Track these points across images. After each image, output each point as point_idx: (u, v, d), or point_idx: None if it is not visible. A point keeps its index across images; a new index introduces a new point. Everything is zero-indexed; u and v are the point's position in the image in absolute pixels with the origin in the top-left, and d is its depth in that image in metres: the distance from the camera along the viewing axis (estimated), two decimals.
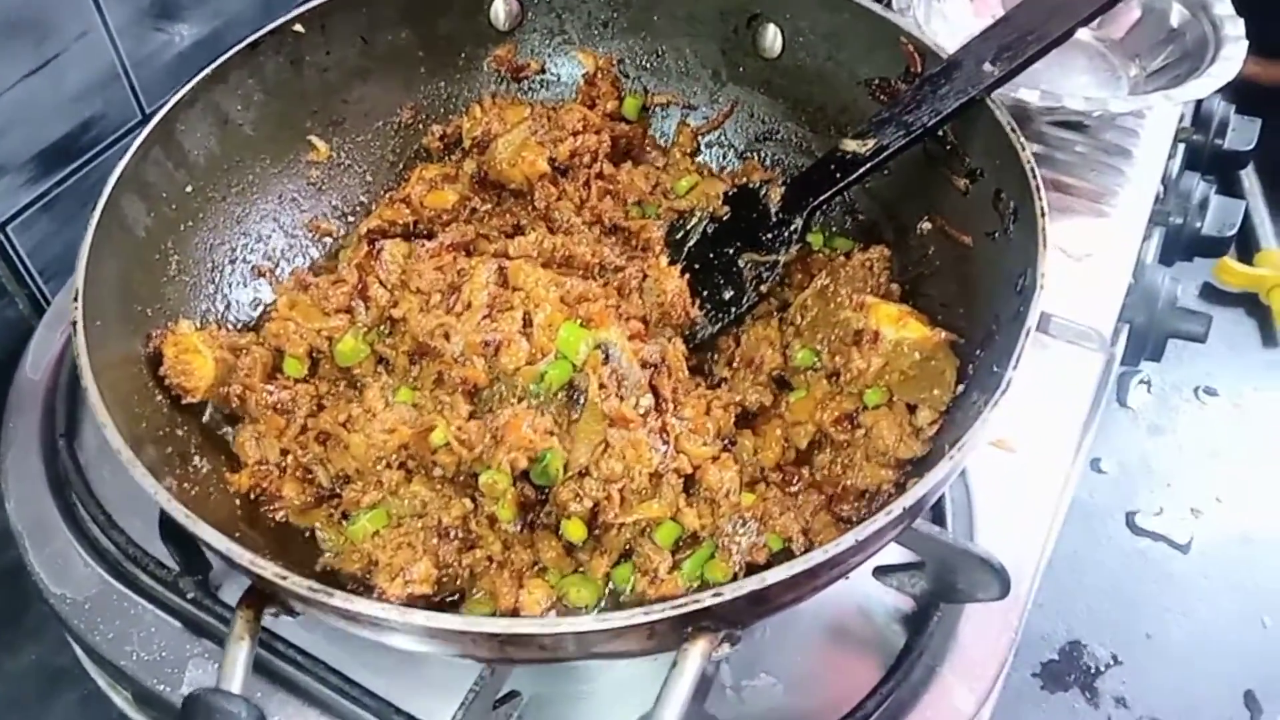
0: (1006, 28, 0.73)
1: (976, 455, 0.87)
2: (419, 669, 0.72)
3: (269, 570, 0.49)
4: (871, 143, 0.75)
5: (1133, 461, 1.18)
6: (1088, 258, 1.00)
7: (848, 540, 0.49)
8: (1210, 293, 1.34)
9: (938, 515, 0.83)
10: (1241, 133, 1.23)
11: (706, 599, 0.47)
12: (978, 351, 0.67)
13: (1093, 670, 1.00)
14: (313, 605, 0.49)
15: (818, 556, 0.49)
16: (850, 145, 0.76)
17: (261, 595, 0.51)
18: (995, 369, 0.59)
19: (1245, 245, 1.35)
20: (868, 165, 0.74)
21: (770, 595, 0.50)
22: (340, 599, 0.47)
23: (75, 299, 0.60)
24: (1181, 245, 1.12)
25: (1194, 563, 1.10)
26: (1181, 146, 1.23)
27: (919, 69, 0.77)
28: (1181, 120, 1.24)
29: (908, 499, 0.50)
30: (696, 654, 0.47)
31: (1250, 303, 1.31)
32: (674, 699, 0.46)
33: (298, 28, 0.81)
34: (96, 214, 0.65)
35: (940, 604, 0.78)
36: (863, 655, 0.78)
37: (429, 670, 0.71)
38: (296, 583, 0.48)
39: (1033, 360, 0.94)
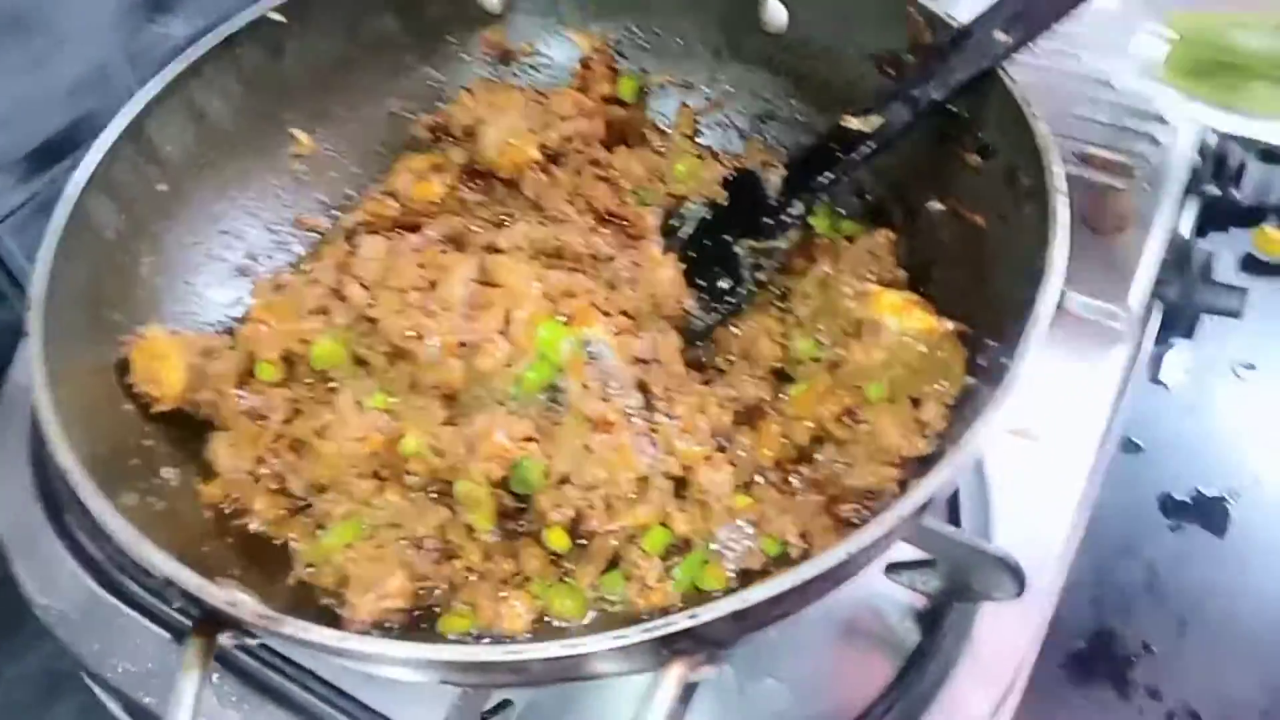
0: None
1: (994, 445, 0.84)
2: None
3: (219, 598, 0.46)
4: (877, 120, 0.71)
5: (1167, 441, 1.13)
6: (1117, 233, 0.95)
7: (837, 555, 0.45)
8: (1251, 263, 1.27)
9: (952, 510, 0.80)
10: None
11: (681, 621, 0.44)
12: (989, 342, 0.63)
13: (1123, 660, 0.96)
14: (265, 633, 0.46)
15: (805, 572, 0.45)
16: (854, 123, 0.72)
17: (215, 621, 0.48)
18: (1003, 361, 0.55)
19: None
20: (873, 144, 0.70)
21: (754, 614, 0.46)
22: (291, 627, 0.45)
23: (29, 309, 0.58)
24: (1217, 215, 1.07)
25: (1231, 546, 1.05)
26: None
27: (928, 40, 0.72)
28: None
29: (898, 510, 0.46)
30: (671, 681, 0.44)
31: None
32: None
33: (277, 17, 0.78)
34: (60, 218, 0.63)
35: (955, 602, 0.75)
36: (874, 656, 0.75)
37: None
38: (246, 610, 0.46)
39: (1056, 342, 0.90)
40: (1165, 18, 1.14)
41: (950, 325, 0.63)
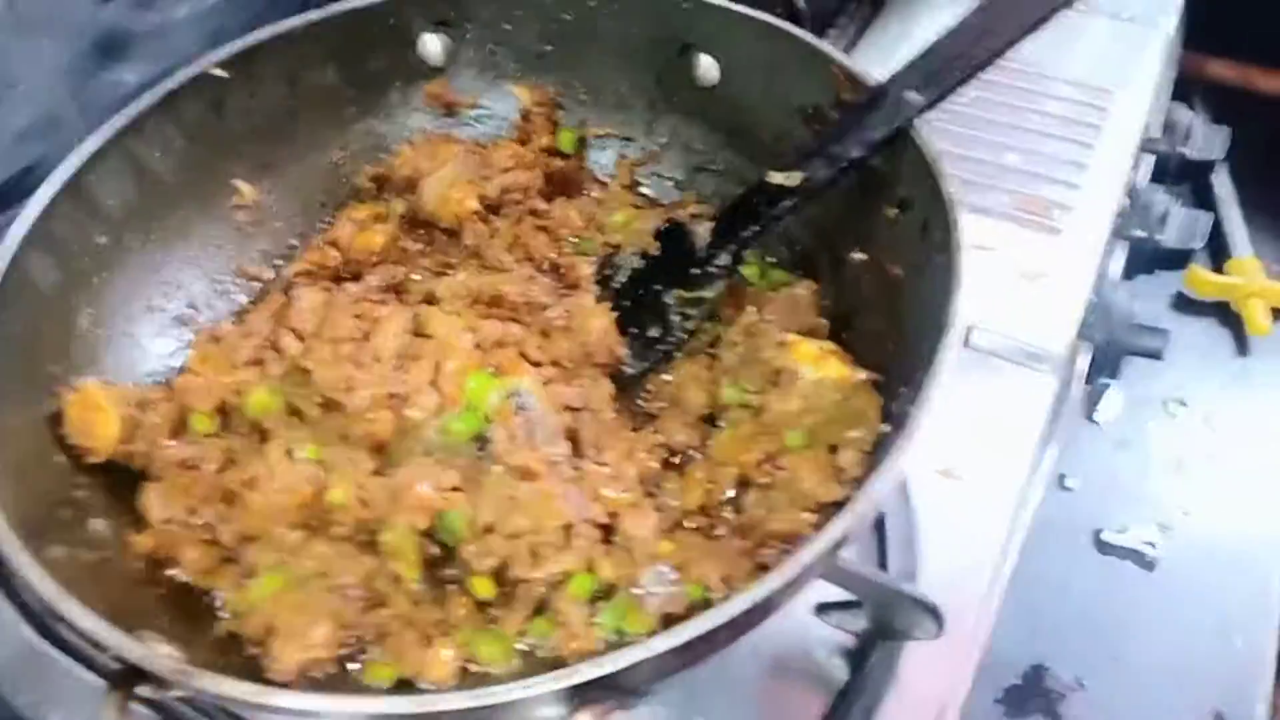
0: (933, 55, 0.71)
1: (922, 486, 0.86)
2: None
3: (134, 653, 0.47)
4: (798, 175, 0.73)
5: (1100, 478, 1.16)
6: (1042, 277, 0.98)
7: (738, 605, 0.47)
8: (1182, 302, 1.31)
9: (880, 550, 0.82)
10: (1206, 141, 1.21)
11: (588, 671, 0.46)
12: (902, 390, 0.66)
13: (1057, 694, 0.97)
14: (182, 687, 0.47)
15: (705, 623, 0.47)
16: (777, 178, 0.74)
17: (134, 674, 0.49)
18: (909, 408, 0.57)
19: (1217, 253, 1.33)
20: (793, 199, 0.73)
21: (661, 662, 0.48)
22: (206, 681, 0.46)
23: None
24: (1144, 259, 1.11)
25: (1161, 580, 1.07)
26: (1148, 157, 1.22)
27: (849, 98, 0.75)
28: (1148, 130, 1.22)
29: (800, 559, 0.48)
30: None
31: (1222, 312, 1.28)
32: None
33: (219, 72, 0.80)
34: None
35: (881, 640, 0.76)
36: (804, 694, 0.77)
37: None
38: (162, 665, 0.47)
39: (983, 384, 0.93)
40: None
41: (863, 374, 0.65)
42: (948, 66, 0.69)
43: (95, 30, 1.00)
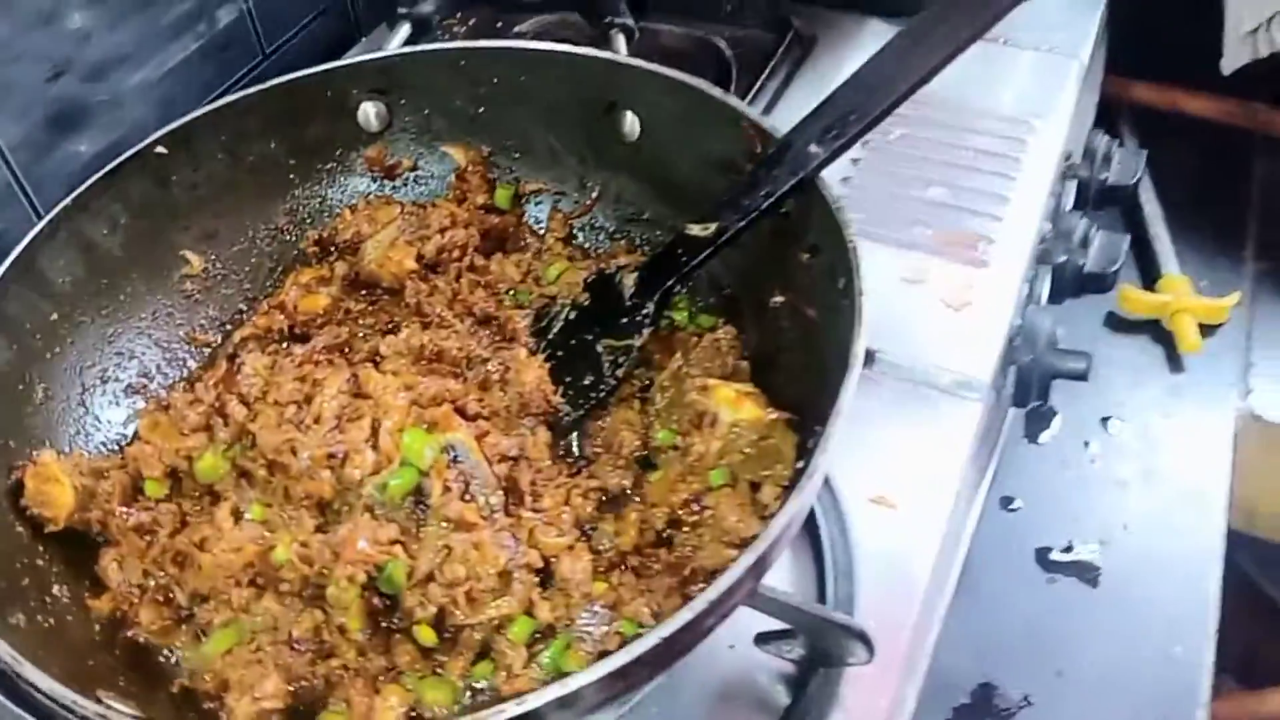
0: (831, 108, 0.75)
1: (858, 515, 0.90)
2: None
3: (90, 711, 0.50)
4: (713, 226, 0.77)
5: (1043, 498, 1.19)
6: (967, 307, 1.02)
7: (646, 643, 0.50)
8: (1115, 322, 1.36)
9: (820, 579, 0.85)
10: (1125, 166, 1.26)
11: (510, 710, 0.49)
12: (817, 428, 0.69)
13: (1005, 711, 1.01)
14: None
15: (621, 658, 0.50)
16: (694, 229, 0.78)
17: None
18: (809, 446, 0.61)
19: (1147, 272, 1.38)
20: (710, 249, 0.77)
21: (583, 696, 0.51)
22: None
23: None
24: (1071, 283, 1.15)
25: (1103, 595, 1.11)
26: (1071, 184, 1.26)
27: (760, 150, 0.79)
28: (1070, 158, 1.27)
29: (706, 596, 0.51)
30: None
31: (1155, 330, 1.33)
32: None
33: (160, 149, 0.83)
34: None
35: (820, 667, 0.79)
36: None
37: None
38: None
39: (914, 414, 0.97)
40: None
41: (775, 414, 0.69)
42: (845, 119, 0.73)
43: (47, 105, 1.03)
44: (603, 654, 0.66)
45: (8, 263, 0.73)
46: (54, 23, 1.02)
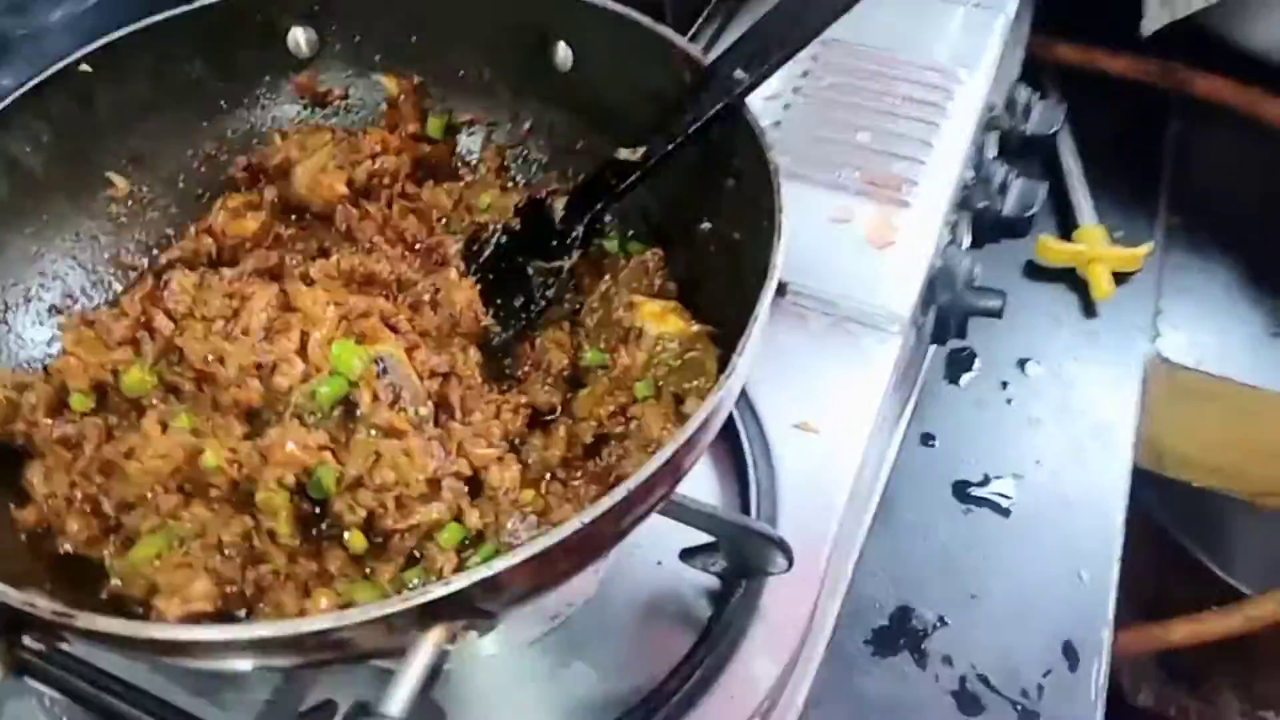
0: (756, 35, 0.77)
1: (783, 439, 0.93)
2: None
3: (16, 599, 0.50)
4: (642, 150, 0.79)
5: (961, 434, 1.23)
6: (890, 246, 1.05)
7: (571, 525, 0.52)
8: (1033, 270, 1.40)
9: (743, 498, 0.88)
10: (1045, 117, 1.30)
11: (436, 590, 0.50)
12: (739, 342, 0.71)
13: (921, 632, 1.05)
14: (61, 629, 0.51)
15: (542, 543, 0.52)
16: (624, 154, 0.80)
17: (18, 624, 0.52)
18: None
19: (1065, 223, 1.42)
20: (638, 173, 0.78)
21: (505, 582, 0.53)
22: (85, 620, 0.49)
23: None
24: (986, 228, 1.19)
25: (1016, 525, 1.15)
26: (993, 134, 1.30)
27: (688, 79, 0.81)
28: (994, 109, 1.31)
29: (627, 485, 0.53)
30: (427, 643, 0.50)
31: (1071, 278, 1.38)
32: (399, 689, 0.49)
33: (84, 68, 0.82)
34: None
35: (741, 580, 0.82)
36: (672, 634, 0.83)
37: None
38: (42, 609, 0.50)
39: (838, 347, 1.00)
40: None
41: (697, 327, 0.71)
42: (768, 47, 0.75)
43: None
44: None
45: None
46: None
